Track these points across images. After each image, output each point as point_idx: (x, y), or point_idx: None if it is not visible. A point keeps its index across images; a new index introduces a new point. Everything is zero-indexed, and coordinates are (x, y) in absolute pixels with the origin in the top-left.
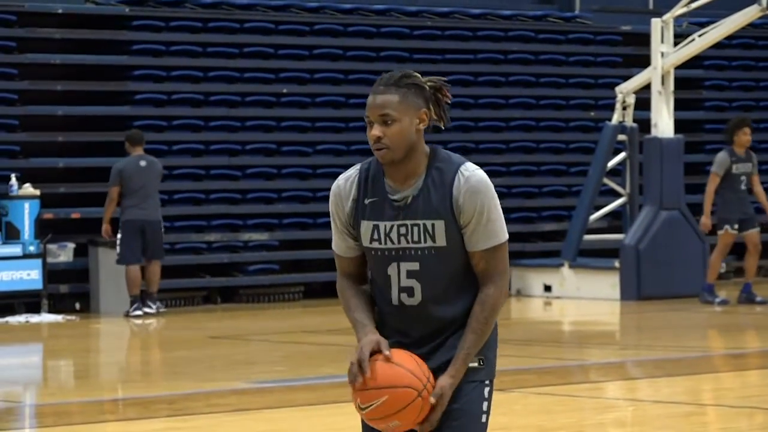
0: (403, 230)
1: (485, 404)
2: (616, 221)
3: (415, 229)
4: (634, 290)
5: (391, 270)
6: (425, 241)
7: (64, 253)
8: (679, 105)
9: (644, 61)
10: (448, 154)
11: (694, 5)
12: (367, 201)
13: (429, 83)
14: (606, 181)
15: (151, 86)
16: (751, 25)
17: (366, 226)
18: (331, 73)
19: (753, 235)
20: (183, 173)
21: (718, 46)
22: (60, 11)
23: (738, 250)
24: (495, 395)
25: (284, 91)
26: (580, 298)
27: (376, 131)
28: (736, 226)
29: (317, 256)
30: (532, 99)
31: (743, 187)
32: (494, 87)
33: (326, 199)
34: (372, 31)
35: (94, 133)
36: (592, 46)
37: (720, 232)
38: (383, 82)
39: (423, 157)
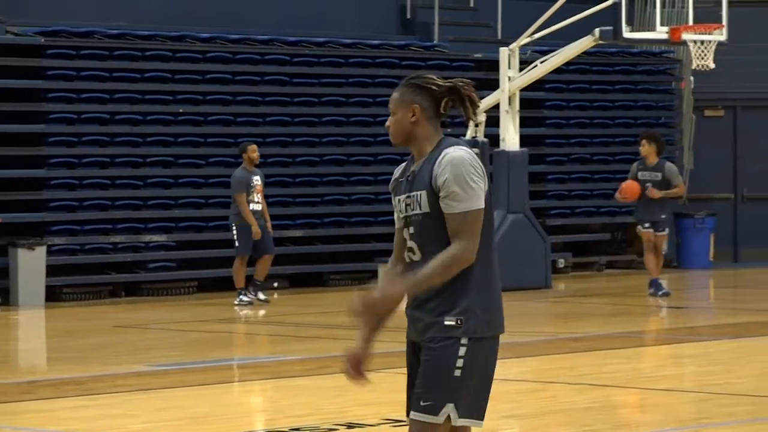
0: (408, 201)
1: (460, 361)
2: None
3: (412, 199)
4: None
5: (406, 233)
6: (416, 209)
7: None
8: (524, 122)
9: (494, 85)
10: (448, 140)
11: (536, 36)
12: (399, 180)
13: (447, 84)
14: None
15: (63, 107)
16: (586, 53)
17: (395, 201)
18: (222, 95)
19: (659, 237)
20: (91, 183)
21: (557, 71)
22: None
23: (575, 247)
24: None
25: (180, 110)
26: None
27: (387, 121)
28: (647, 225)
29: (209, 255)
30: None
31: (647, 192)
32: (364, 107)
33: (217, 205)
34: (257, 58)
35: (14, 148)
36: (449, 71)
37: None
38: (402, 81)
39: (430, 142)
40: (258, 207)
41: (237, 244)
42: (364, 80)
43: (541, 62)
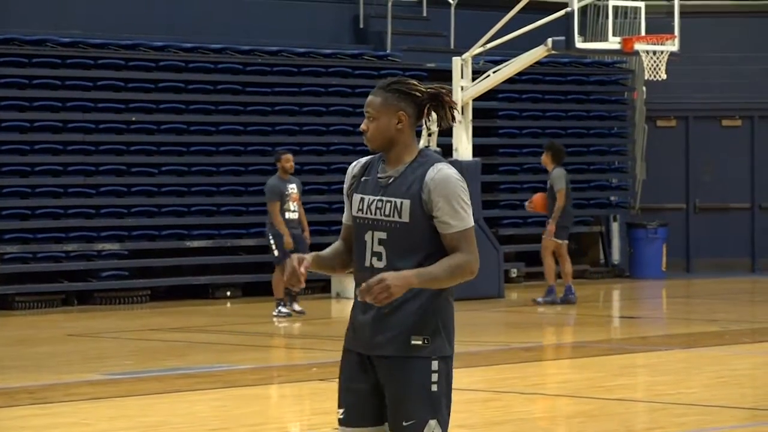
0: (379, 204)
1: (435, 375)
2: None
3: (388, 205)
4: None
5: (367, 237)
6: (393, 216)
7: None
8: (477, 132)
9: None
10: (432, 154)
11: (489, 45)
12: (363, 179)
13: (429, 90)
14: None
15: (16, 115)
16: (539, 63)
17: (356, 198)
18: (175, 104)
19: (556, 245)
20: (44, 191)
21: (510, 80)
22: None
23: (528, 257)
24: (308, 385)
25: (133, 119)
26: None
27: (363, 125)
28: (543, 233)
29: (162, 264)
30: (350, 126)
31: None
32: (317, 116)
33: (169, 214)
34: (210, 67)
35: None
36: None
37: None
38: (379, 84)
39: (409, 150)
40: (294, 216)
41: (276, 253)
42: (318, 89)
43: (494, 72)
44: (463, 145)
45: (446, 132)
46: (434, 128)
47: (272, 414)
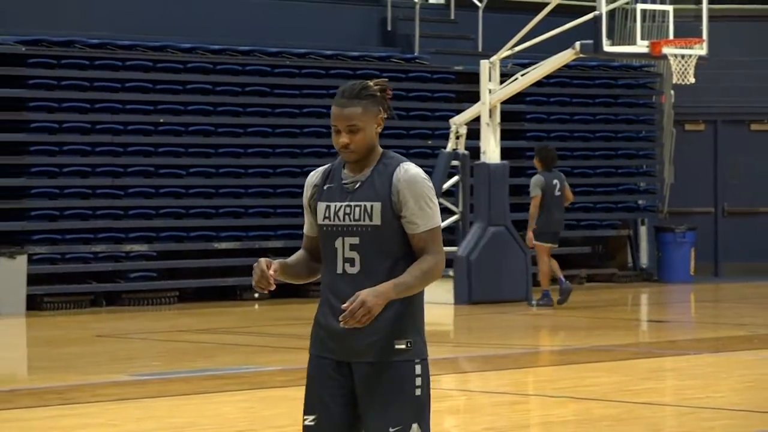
0: (348, 210)
1: (418, 380)
2: (451, 236)
3: (357, 209)
4: (466, 295)
5: (338, 243)
6: (364, 220)
7: None
8: (505, 135)
9: (474, 97)
10: (395, 155)
11: (517, 48)
12: (326, 186)
13: (376, 86)
14: (441, 200)
15: (45, 116)
16: (567, 66)
17: (321, 207)
18: (203, 106)
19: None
20: (72, 192)
21: (538, 84)
22: None
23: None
24: None
25: (161, 120)
26: None
27: (344, 139)
28: None
29: (190, 265)
30: None
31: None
32: None
33: (197, 215)
34: (238, 69)
35: None
36: (430, 84)
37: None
38: (346, 95)
39: (377, 153)
40: None
41: None
42: None
43: (522, 75)
44: (491, 148)
45: (474, 135)
46: (462, 131)
47: (299, 416)
